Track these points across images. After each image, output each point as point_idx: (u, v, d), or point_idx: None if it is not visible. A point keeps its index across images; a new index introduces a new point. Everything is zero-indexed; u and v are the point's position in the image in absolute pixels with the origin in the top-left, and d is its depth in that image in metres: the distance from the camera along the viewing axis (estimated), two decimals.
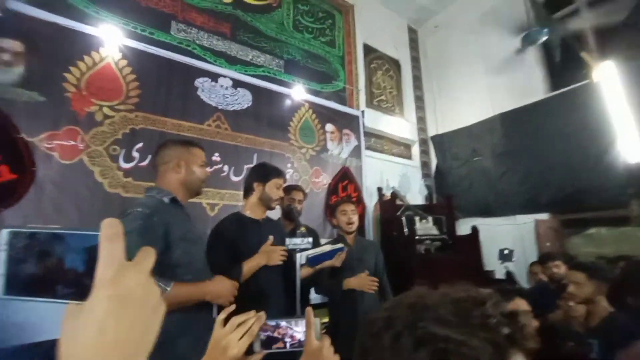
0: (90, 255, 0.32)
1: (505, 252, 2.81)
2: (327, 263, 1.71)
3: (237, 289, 1.34)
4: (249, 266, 1.45)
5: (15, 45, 2.06)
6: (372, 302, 1.90)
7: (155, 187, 1.28)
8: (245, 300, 1.49)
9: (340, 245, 1.79)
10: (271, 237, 1.50)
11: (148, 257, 0.33)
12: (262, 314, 0.72)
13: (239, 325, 0.67)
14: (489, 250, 3.17)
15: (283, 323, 0.76)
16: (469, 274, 2.70)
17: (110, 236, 0.31)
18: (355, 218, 2.05)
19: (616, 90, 3.14)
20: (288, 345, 0.75)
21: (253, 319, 0.70)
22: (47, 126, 2.06)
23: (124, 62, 2.41)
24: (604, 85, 3.19)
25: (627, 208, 3.01)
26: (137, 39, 2.52)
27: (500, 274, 3.17)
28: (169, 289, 1.09)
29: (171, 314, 1.08)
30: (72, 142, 2.14)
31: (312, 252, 1.64)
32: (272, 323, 0.75)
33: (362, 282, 1.87)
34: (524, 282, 3.07)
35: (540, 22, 3.44)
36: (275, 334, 0.76)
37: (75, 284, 0.34)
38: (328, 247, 1.73)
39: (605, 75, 3.19)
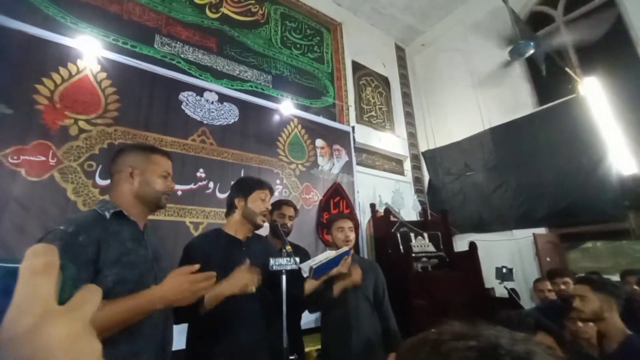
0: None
1: (504, 270, 2.63)
2: (333, 271, 1.53)
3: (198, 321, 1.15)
4: (210, 296, 1.11)
5: None
6: (370, 330, 1.70)
7: (103, 200, 1.07)
8: (210, 335, 1.21)
9: (345, 248, 1.62)
10: (247, 261, 1.23)
11: (89, 298, 0.25)
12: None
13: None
14: (487, 267, 3.04)
15: None
16: (469, 292, 2.56)
17: (37, 268, 0.22)
18: (352, 235, 1.86)
19: (602, 105, 3.16)
20: None
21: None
22: (14, 140, 1.91)
23: (103, 74, 2.30)
24: (590, 100, 3.22)
25: (623, 221, 2.96)
26: (118, 51, 2.43)
27: (499, 292, 3.03)
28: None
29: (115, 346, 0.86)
30: (42, 158, 1.98)
31: (316, 262, 1.46)
32: None
33: (353, 276, 1.62)
34: (525, 300, 2.95)
35: (524, 38, 3.50)
36: None
37: None
38: (333, 253, 1.55)
39: (590, 90, 3.23)
